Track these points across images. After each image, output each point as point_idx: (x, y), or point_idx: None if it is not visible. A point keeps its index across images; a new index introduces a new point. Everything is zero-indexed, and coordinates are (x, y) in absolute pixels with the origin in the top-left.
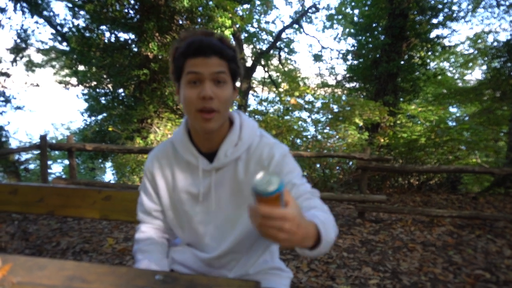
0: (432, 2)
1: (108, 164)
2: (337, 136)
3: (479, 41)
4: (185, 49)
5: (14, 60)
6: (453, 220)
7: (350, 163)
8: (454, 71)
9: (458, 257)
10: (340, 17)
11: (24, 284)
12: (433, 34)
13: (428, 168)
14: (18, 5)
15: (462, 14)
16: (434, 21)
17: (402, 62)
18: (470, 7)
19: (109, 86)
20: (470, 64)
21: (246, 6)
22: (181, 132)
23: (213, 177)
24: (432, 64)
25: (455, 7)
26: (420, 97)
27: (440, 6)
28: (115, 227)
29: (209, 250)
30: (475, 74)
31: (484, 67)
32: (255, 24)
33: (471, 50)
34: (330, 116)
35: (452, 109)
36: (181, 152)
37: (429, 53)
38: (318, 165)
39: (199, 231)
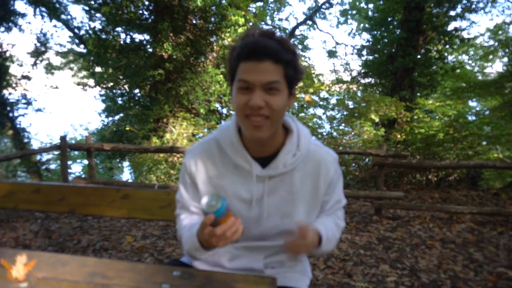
0: None
1: (126, 164)
2: (353, 133)
3: (500, 32)
4: (239, 51)
5: (35, 64)
6: (473, 216)
7: (367, 159)
8: (473, 64)
9: (479, 254)
10: (354, 12)
11: (48, 279)
12: (451, 27)
13: (446, 164)
14: (37, 9)
15: (481, 5)
16: (452, 13)
17: (419, 56)
18: None
19: (125, 86)
20: (491, 56)
21: (259, 3)
22: (231, 132)
23: (266, 184)
24: (450, 58)
25: None
26: (438, 92)
27: None
28: (134, 225)
29: None
30: (496, 67)
31: (505, 59)
32: (269, 22)
33: (492, 42)
34: (345, 113)
35: (472, 103)
36: (231, 154)
37: (447, 46)
38: None
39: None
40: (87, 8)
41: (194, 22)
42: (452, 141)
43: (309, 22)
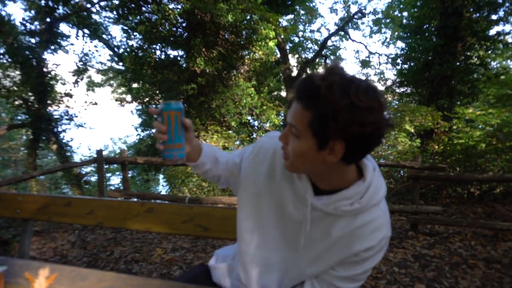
0: None
1: (161, 176)
2: (387, 144)
3: None
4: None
5: (76, 82)
6: None
7: (402, 172)
8: None
9: None
10: (388, 20)
11: None
12: (493, 31)
13: (489, 177)
14: (80, 31)
15: None
16: (494, 17)
17: (458, 64)
18: None
19: (160, 101)
20: None
21: (290, 16)
22: None
23: (308, 210)
24: (493, 64)
25: None
26: (480, 100)
27: (500, 1)
28: (164, 238)
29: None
30: None
31: None
32: (300, 34)
33: None
34: None
35: None
36: None
37: (489, 51)
38: None
39: (268, 255)
40: (125, 27)
41: (225, 37)
42: (495, 152)
43: (341, 33)
